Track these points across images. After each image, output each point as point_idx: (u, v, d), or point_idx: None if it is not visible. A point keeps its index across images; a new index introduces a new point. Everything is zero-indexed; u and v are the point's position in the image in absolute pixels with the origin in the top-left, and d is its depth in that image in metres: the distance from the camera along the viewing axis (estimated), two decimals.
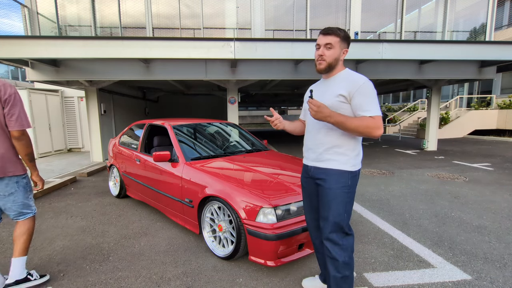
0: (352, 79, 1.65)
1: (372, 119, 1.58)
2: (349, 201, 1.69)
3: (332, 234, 1.67)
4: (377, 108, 1.59)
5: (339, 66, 1.74)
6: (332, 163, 1.68)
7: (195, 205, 2.67)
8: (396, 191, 4.58)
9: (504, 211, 3.62)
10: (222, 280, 2.20)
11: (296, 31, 7.51)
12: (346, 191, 1.66)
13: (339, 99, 1.64)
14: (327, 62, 1.69)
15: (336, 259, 1.66)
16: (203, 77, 6.84)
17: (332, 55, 1.68)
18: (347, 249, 1.68)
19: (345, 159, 1.67)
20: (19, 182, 1.99)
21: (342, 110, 1.63)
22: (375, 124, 1.58)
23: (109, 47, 5.54)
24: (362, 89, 1.60)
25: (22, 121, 1.88)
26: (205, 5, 7.19)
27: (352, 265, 1.70)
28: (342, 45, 1.70)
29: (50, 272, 2.33)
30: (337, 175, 1.66)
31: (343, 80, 1.68)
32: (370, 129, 1.58)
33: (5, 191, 1.95)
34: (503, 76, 13.76)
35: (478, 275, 2.24)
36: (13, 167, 1.94)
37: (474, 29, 8.48)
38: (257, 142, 4.06)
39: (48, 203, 4.12)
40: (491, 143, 10.81)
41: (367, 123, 1.58)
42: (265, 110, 30.77)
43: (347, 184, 1.66)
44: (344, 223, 1.67)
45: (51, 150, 8.99)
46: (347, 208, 1.68)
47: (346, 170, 1.66)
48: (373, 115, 1.58)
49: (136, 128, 4.30)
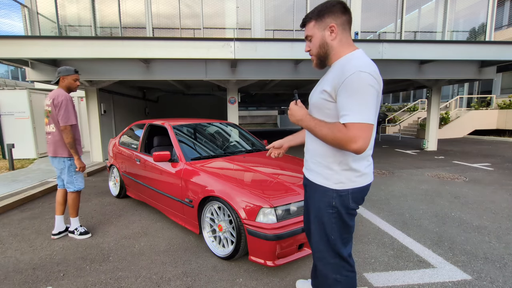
0: (343, 69, 1.21)
1: (343, 127, 1.16)
2: (337, 224, 1.36)
3: (319, 253, 1.45)
4: (360, 111, 1.14)
5: (337, 49, 1.31)
6: (315, 176, 1.40)
7: (195, 205, 2.67)
8: (396, 191, 4.58)
9: (504, 211, 3.62)
10: (222, 280, 2.20)
11: (296, 31, 7.51)
12: (331, 212, 1.34)
13: (323, 96, 1.29)
14: (314, 56, 1.38)
15: (326, 277, 1.43)
16: (203, 77, 6.84)
17: (315, 44, 1.34)
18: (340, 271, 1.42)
19: (328, 174, 1.34)
20: (65, 162, 2.84)
21: (326, 111, 1.29)
22: (346, 135, 1.14)
23: (109, 47, 5.54)
24: (348, 83, 1.16)
25: (65, 119, 2.71)
26: (205, 5, 7.19)
27: (347, 284, 1.45)
28: (322, 24, 1.30)
29: (50, 272, 2.33)
30: (320, 192, 1.37)
31: (335, 71, 1.28)
32: (339, 141, 1.17)
33: (58, 166, 2.88)
34: (503, 76, 13.76)
35: (478, 275, 2.24)
36: (61, 151, 2.81)
37: (474, 29, 8.49)
38: (257, 142, 4.06)
39: (48, 203, 4.12)
40: (491, 143, 10.81)
41: (335, 132, 1.17)
42: (265, 110, 30.80)
43: (330, 204, 1.33)
44: (334, 248, 1.39)
45: None
46: (334, 233, 1.37)
47: (328, 187, 1.33)
48: (349, 121, 1.14)
49: (136, 128, 4.30)
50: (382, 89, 1.27)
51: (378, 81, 1.21)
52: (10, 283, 2.20)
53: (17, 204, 4.00)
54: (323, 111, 1.31)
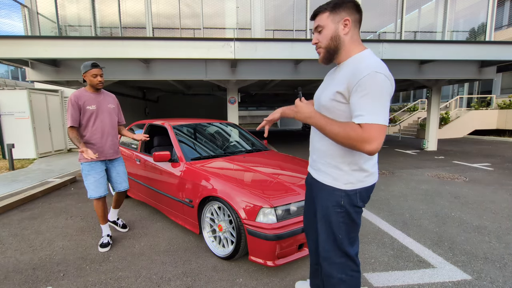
0: (356, 68, 1.19)
1: (358, 127, 1.14)
2: (345, 223, 1.35)
3: (325, 253, 1.44)
4: (376, 112, 1.12)
5: (348, 46, 1.28)
6: (323, 176, 1.39)
7: (195, 205, 2.67)
8: (396, 191, 4.58)
9: (504, 211, 3.62)
10: (222, 280, 2.20)
11: (296, 31, 7.52)
12: (339, 211, 1.34)
13: (335, 97, 1.25)
14: (323, 48, 1.32)
15: (331, 276, 1.43)
16: (203, 77, 6.84)
17: (327, 36, 1.29)
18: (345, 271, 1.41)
19: (337, 174, 1.33)
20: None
21: (337, 113, 1.26)
22: (361, 135, 1.12)
23: (109, 47, 5.54)
24: (363, 83, 1.14)
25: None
26: (205, 4, 7.19)
27: (352, 283, 1.44)
28: (336, 16, 1.27)
29: (50, 272, 2.33)
30: (328, 191, 1.37)
31: (347, 70, 1.24)
32: (352, 141, 1.14)
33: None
34: (503, 76, 13.77)
35: (478, 275, 2.24)
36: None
37: (474, 29, 8.49)
38: (257, 142, 4.06)
39: (48, 203, 4.12)
40: (491, 143, 10.81)
41: (349, 131, 1.14)
42: (265, 110, 30.79)
43: (339, 204, 1.33)
44: (341, 247, 1.38)
45: (51, 150, 8.99)
46: (342, 232, 1.37)
47: (337, 187, 1.33)
48: (364, 122, 1.13)
49: (136, 128, 4.30)
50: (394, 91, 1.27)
51: (392, 83, 1.20)
52: (10, 283, 2.20)
53: (17, 204, 4.00)
54: (334, 113, 1.27)
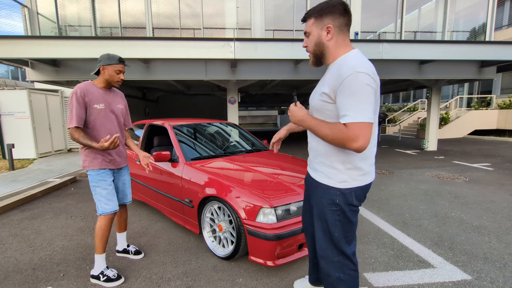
0: (340, 70, 1.23)
1: (344, 127, 1.19)
2: (340, 221, 1.37)
3: (322, 251, 1.46)
4: (358, 111, 1.17)
5: (332, 50, 1.33)
6: (318, 175, 1.43)
7: (195, 205, 2.67)
8: (396, 191, 4.58)
9: (504, 211, 3.62)
10: (222, 280, 2.20)
11: (296, 31, 7.52)
12: (334, 209, 1.36)
13: (322, 98, 1.32)
14: (311, 53, 1.40)
15: (329, 275, 1.45)
16: (203, 77, 6.84)
17: (312, 41, 1.36)
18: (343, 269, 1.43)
19: (332, 173, 1.36)
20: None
21: (327, 113, 1.31)
22: (347, 134, 1.18)
23: (109, 47, 5.54)
24: (346, 84, 1.18)
25: (68, 120, 2.16)
26: (205, 4, 7.19)
27: (350, 283, 1.46)
28: (320, 23, 1.31)
29: (50, 272, 2.33)
30: (323, 190, 1.39)
31: (332, 72, 1.30)
32: (341, 140, 1.20)
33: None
34: (503, 76, 13.77)
35: (478, 275, 2.24)
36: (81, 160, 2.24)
37: (474, 29, 8.49)
38: (257, 142, 4.06)
39: (48, 203, 4.12)
40: (491, 143, 10.81)
41: (337, 132, 1.21)
42: (265, 110, 30.79)
43: (334, 202, 1.36)
44: (337, 245, 1.40)
45: (51, 150, 8.99)
46: (338, 230, 1.38)
47: (331, 186, 1.36)
48: (348, 121, 1.18)
49: (136, 128, 4.29)
50: (380, 87, 1.30)
51: (375, 80, 1.23)
52: (10, 283, 2.20)
53: (17, 204, 4.00)
54: (323, 113, 1.33)
